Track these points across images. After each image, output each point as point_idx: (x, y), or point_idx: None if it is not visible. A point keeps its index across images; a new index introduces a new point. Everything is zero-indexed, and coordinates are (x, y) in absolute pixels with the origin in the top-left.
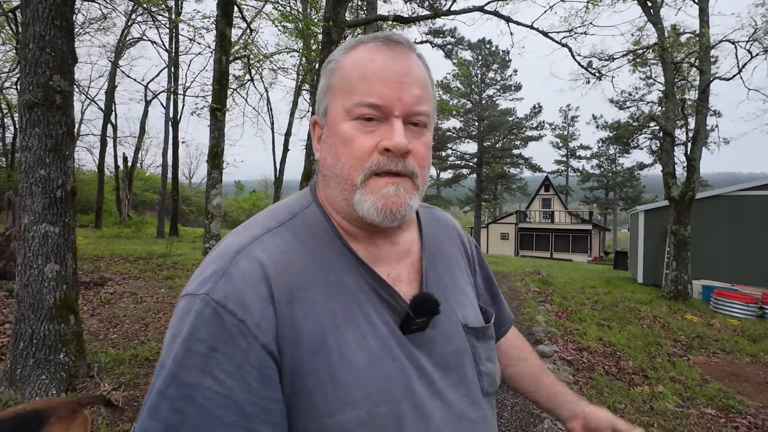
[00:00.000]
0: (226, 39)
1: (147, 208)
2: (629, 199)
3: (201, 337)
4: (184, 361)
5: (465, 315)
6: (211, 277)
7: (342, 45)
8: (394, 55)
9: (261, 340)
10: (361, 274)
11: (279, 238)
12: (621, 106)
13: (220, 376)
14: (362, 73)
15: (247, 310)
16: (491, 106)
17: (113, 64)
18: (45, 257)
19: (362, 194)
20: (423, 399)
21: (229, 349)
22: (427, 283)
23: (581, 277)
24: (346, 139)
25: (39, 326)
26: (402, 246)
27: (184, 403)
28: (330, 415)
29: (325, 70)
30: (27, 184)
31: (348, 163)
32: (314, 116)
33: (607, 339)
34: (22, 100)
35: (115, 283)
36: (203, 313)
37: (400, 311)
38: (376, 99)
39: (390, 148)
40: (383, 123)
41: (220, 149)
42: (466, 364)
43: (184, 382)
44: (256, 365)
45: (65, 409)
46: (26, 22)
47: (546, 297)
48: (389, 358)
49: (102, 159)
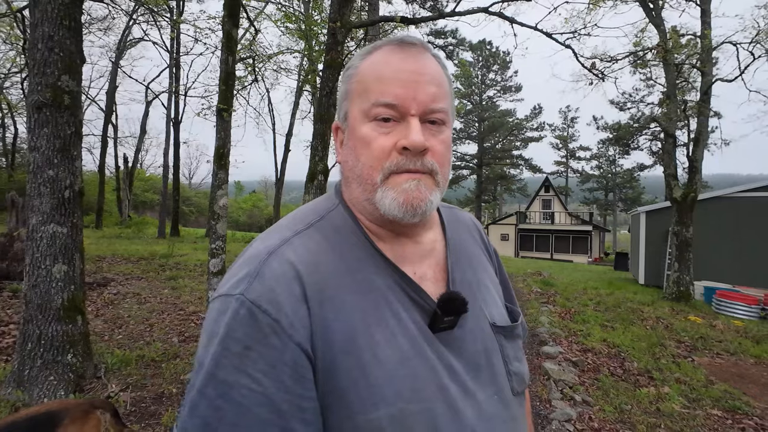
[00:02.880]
0: (232, 40)
1: (147, 209)
2: (629, 201)
3: (237, 337)
4: (221, 360)
5: (491, 313)
6: (245, 279)
7: (360, 51)
8: (408, 56)
9: (295, 339)
10: (389, 274)
11: (308, 239)
12: (621, 107)
13: (255, 374)
14: (377, 75)
15: (280, 310)
16: (491, 107)
17: (114, 64)
18: (53, 258)
19: (383, 191)
20: (456, 397)
21: (264, 348)
22: (454, 281)
23: (583, 278)
24: (365, 141)
25: (47, 327)
26: (426, 245)
27: (221, 401)
28: (363, 413)
29: (344, 77)
30: (35, 185)
31: (367, 164)
32: (335, 122)
33: (611, 340)
34: (31, 101)
35: (118, 283)
36: (238, 313)
37: (428, 310)
38: (390, 99)
39: (408, 147)
40: (400, 123)
41: (226, 150)
42: (495, 364)
43: (222, 380)
44: (291, 364)
45: (78, 410)
46: (35, 23)
47: (548, 298)
48: (419, 357)
49: (103, 159)
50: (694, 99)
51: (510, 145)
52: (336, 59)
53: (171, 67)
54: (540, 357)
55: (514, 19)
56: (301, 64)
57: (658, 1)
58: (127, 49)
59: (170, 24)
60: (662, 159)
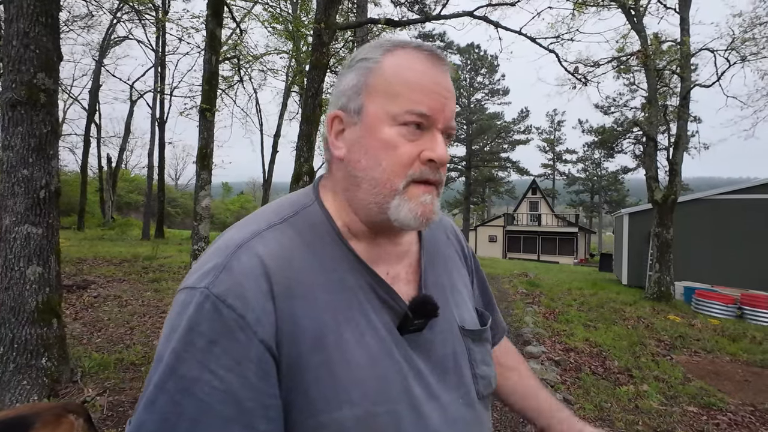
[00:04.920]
0: (216, 39)
1: (132, 210)
2: (614, 203)
3: (201, 331)
4: (182, 354)
5: (462, 316)
6: (212, 271)
7: (374, 43)
8: (440, 70)
9: (260, 335)
10: (362, 274)
11: (281, 234)
12: (606, 111)
13: (218, 370)
14: (413, 80)
15: (247, 305)
16: (479, 110)
17: (98, 63)
18: (27, 259)
19: (401, 200)
20: (420, 400)
21: (229, 344)
22: (426, 283)
23: (568, 279)
24: (390, 145)
25: (20, 330)
26: (403, 246)
27: (181, 397)
28: (327, 412)
29: (358, 67)
30: (9, 184)
31: (390, 169)
32: (335, 110)
33: (593, 339)
34: (5, 98)
35: (98, 286)
36: (203, 307)
37: (398, 312)
38: (425, 109)
39: (435, 160)
40: (425, 133)
41: (209, 150)
42: (462, 367)
43: (183, 375)
44: (255, 360)
45: (50, 414)
46: (9, 18)
47: (534, 298)
48: (387, 358)
49: (85, 159)
50: (675, 104)
51: (498, 147)
52: (321, 60)
53: (156, 66)
54: (524, 356)
55: (499, 23)
56: (289, 65)
57: (639, 9)
58: (111, 48)
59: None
60: (644, 162)
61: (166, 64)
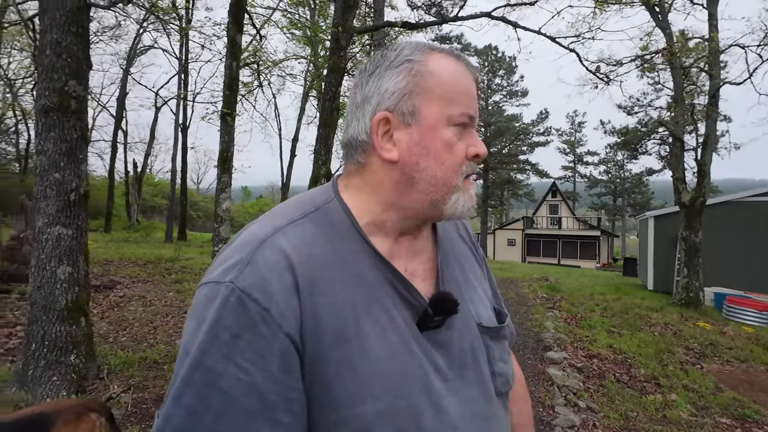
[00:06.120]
0: (236, 45)
1: (156, 213)
2: (638, 206)
3: (226, 325)
4: (208, 348)
5: (478, 313)
6: (236, 266)
7: (412, 45)
8: (473, 75)
9: (285, 329)
10: (381, 270)
11: (302, 229)
12: (629, 111)
13: (243, 363)
14: (463, 85)
15: (271, 299)
16: (498, 112)
17: (125, 72)
18: (58, 259)
19: (459, 195)
20: (440, 395)
21: (253, 337)
22: (443, 279)
23: (590, 284)
24: (449, 144)
25: (51, 328)
26: (420, 242)
27: (207, 390)
28: (349, 407)
29: (403, 67)
30: (41, 187)
31: (451, 168)
32: (383, 112)
33: (617, 346)
34: (38, 105)
35: (124, 286)
36: (228, 301)
37: (417, 308)
38: (474, 112)
39: (480, 155)
40: (465, 132)
41: (229, 153)
42: (481, 363)
43: (209, 368)
44: (279, 354)
45: (72, 412)
46: (44, 29)
47: (554, 303)
48: (407, 353)
49: (112, 164)
50: (703, 102)
51: (517, 149)
52: (339, 64)
53: (180, 73)
54: (544, 362)
55: (517, 23)
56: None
57: (664, 5)
58: (137, 57)
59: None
60: (670, 163)
61: (189, 71)
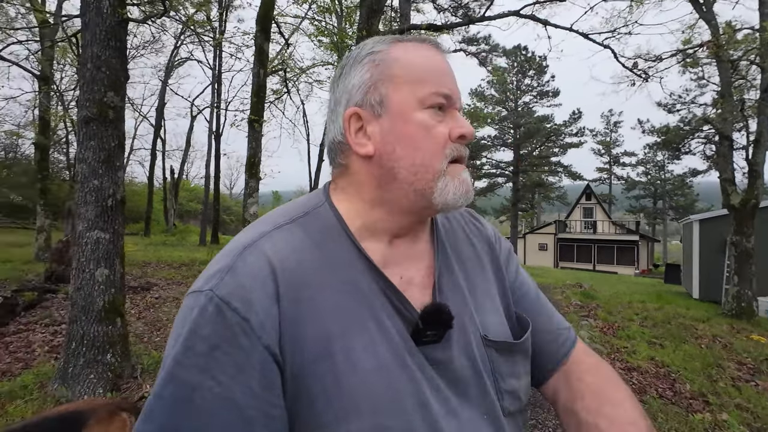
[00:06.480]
0: (263, 53)
1: (191, 218)
2: (680, 209)
3: (203, 335)
4: (183, 360)
5: (485, 323)
6: (217, 273)
7: (374, 39)
8: (444, 55)
9: (264, 340)
10: (374, 278)
11: (289, 234)
12: (670, 109)
13: (220, 377)
14: (431, 65)
15: (251, 308)
16: (527, 113)
17: (163, 83)
18: (96, 262)
19: (446, 181)
20: (437, 415)
21: (232, 349)
22: (441, 288)
23: (628, 291)
24: (426, 127)
25: (89, 327)
26: (419, 246)
27: (181, 405)
28: (333, 424)
29: (366, 60)
30: (82, 194)
31: (431, 150)
32: (353, 107)
33: (659, 359)
34: (80, 116)
35: (160, 288)
36: (206, 310)
37: (410, 320)
38: (448, 90)
39: (466, 135)
40: (446, 113)
41: (257, 159)
42: (485, 380)
43: (182, 382)
44: (259, 368)
45: (105, 411)
46: (85, 44)
47: (589, 311)
48: (400, 368)
49: (152, 171)
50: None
51: (548, 151)
52: None
53: (213, 83)
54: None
55: (548, 21)
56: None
57: None
58: (175, 69)
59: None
60: (717, 163)
61: (222, 80)
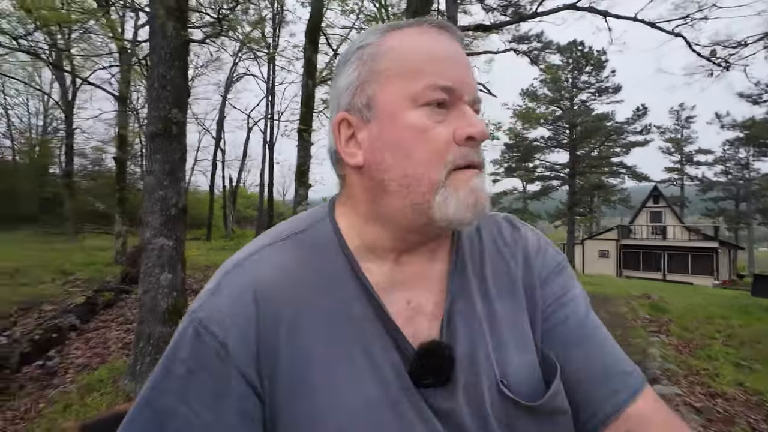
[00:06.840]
0: (312, 65)
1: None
2: None
3: (181, 358)
4: (160, 384)
5: (506, 364)
6: (204, 294)
7: (367, 30)
8: (450, 37)
9: (242, 368)
10: (371, 303)
11: (280, 252)
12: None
13: (194, 404)
14: (427, 52)
15: (228, 332)
16: (584, 112)
17: (223, 98)
18: (161, 267)
19: (446, 193)
20: None
21: (207, 376)
22: (450, 319)
23: (706, 304)
24: (419, 131)
25: (154, 328)
26: (437, 265)
27: (154, 430)
28: None
29: (355, 58)
30: (149, 203)
31: (425, 159)
32: (341, 113)
33: (750, 384)
34: (148, 131)
35: None
36: (186, 333)
37: (408, 357)
38: (449, 82)
39: (475, 136)
40: (451, 110)
41: (306, 167)
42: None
43: (156, 408)
44: (235, 397)
45: None
46: (153, 65)
47: (660, 326)
48: (389, 410)
49: (212, 180)
50: None
51: (608, 151)
52: None
53: (267, 95)
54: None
55: (608, 12)
56: None
57: None
58: (233, 84)
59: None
60: None
61: (275, 93)
